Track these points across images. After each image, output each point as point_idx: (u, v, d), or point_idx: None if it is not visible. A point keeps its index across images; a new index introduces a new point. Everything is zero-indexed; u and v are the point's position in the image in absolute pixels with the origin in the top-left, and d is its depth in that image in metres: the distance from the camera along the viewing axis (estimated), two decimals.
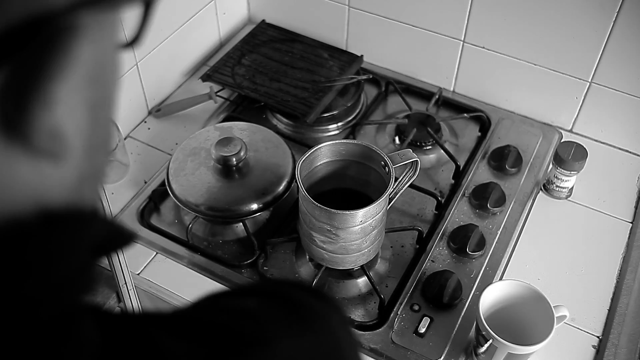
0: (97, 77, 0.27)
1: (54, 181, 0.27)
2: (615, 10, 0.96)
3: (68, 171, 0.27)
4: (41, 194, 0.26)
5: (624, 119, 1.07)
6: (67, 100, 0.25)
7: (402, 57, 1.22)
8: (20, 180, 0.25)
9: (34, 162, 0.25)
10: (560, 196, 1.03)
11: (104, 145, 0.30)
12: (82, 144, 0.27)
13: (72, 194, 0.28)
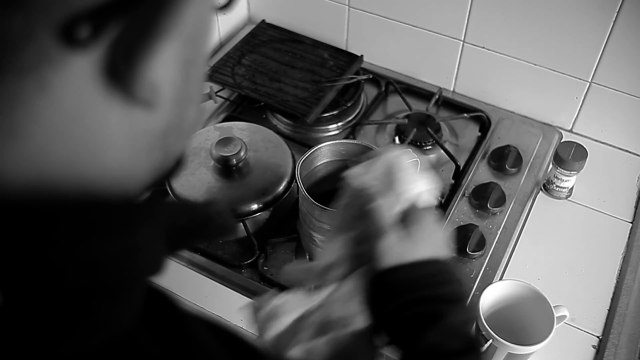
0: (193, 37, 0.29)
1: (145, 129, 0.29)
2: (615, 10, 0.96)
3: (157, 120, 0.29)
4: (130, 138, 0.28)
5: (624, 119, 1.07)
6: (167, 56, 0.27)
7: (402, 57, 1.22)
8: (112, 128, 0.27)
9: (128, 109, 0.27)
10: (560, 196, 1.03)
11: (192, 100, 0.32)
12: (172, 96, 0.29)
13: (159, 147, 0.30)
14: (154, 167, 0.31)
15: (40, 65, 0.24)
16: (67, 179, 0.26)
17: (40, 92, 0.24)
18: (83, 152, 0.26)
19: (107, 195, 0.28)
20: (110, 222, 0.27)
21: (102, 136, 0.27)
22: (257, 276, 0.91)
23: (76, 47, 0.24)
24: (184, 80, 0.30)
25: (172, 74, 0.28)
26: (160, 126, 0.30)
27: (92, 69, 0.25)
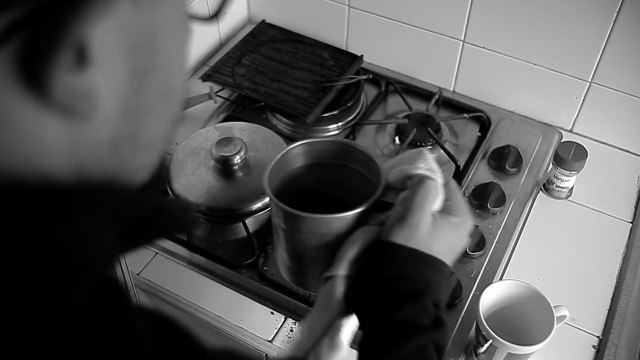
0: (144, 45, 0.28)
1: (87, 139, 0.28)
2: (615, 10, 0.96)
3: (99, 130, 0.28)
4: (75, 151, 0.27)
5: (624, 119, 1.07)
6: (102, 61, 0.26)
7: (402, 57, 1.22)
8: (52, 136, 0.26)
9: (61, 118, 0.26)
10: (560, 196, 1.03)
11: (151, 112, 0.31)
12: (116, 105, 0.28)
13: (108, 158, 0.29)
14: (108, 176, 0.30)
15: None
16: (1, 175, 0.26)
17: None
18: (14, 155, 0.26)
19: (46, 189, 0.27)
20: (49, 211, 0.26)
21: (34, 141, 0.26)
22: (257, 276, 0.91)
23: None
24: (135, 91, 0.28)
25: (114, 81, 0.27)
26: (107, 136, 0.28)
27: (6, 69, 0.24)
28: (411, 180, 0.56)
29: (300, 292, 0.88)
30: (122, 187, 0.31)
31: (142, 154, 0.32)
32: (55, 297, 0.27)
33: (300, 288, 0.66)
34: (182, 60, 0.32)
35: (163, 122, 0.32)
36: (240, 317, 0.86)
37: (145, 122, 0.30)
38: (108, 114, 0.28)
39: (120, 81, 0.27)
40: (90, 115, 0.27)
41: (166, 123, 0.32)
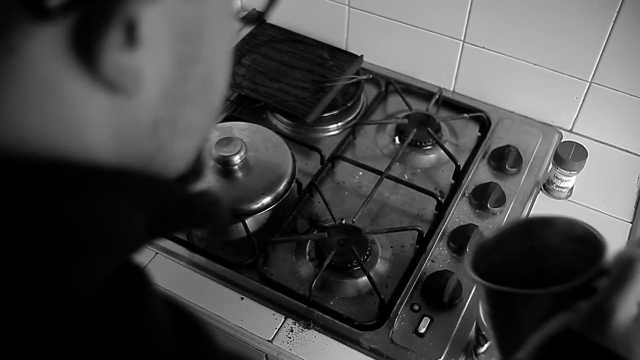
0: (190, 34, 0.29)
1: (129, 117, 0.29)
2: (615, 10, 0.96)
3: (141, 109, 0.29)
4: (118, 128, 0.28)
5: (624, 119, 1.07)
6: (151, 43, 0.27)
7: (402, 57, 1.22)
8: (96, 111, 0.27)
9: (108, 92, 0.27)
10: (560, 196, 1.03)
11: (191, 100, 0.32)
12: (160, 87, 0.29)
13: (148, 139, 0.30)
14: (145, 158, 0.31)
15: (8, 29, 0.24)
16: (42, 149, 0.27)
17: (10, 55, 0.25)
18: (60, 126, 0.27)
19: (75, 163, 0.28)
20: (77, 186, 0.27)
21: (79, 114, 0.27)
22: (257, 276, 0.91)
23: (44, 17, 0.24)
24: (179, 77, 0.30)
25: (160, 65, 0.28)
26: (148, 117, 0.30)
27: (61, 42, 0.25)
28: (619, 258, 0.47)
29: (300, 292, 0.89)
30: (155, 173, 0.32)
31: (180, 140, 0.33)
32: (70, 271, 0.28)
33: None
34: (225, 55, 0.33)
35: (202, 112, 0.33)
36: (240, 317, 0.86)
37: (185, 109, 0.32)
38: (151, 95, 0.29)
39: (165, 65, 0.29)
40: (135, 94, 0.28)
41: (205, 114, 0.33)
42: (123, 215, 0.29)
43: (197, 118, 0.33)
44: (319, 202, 1.01)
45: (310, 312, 0.86)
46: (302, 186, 1.02)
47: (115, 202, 0.29)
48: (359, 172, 1.06)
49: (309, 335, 0.85)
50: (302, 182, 1.02)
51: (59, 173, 0.27)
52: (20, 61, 0.25)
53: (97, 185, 0.28)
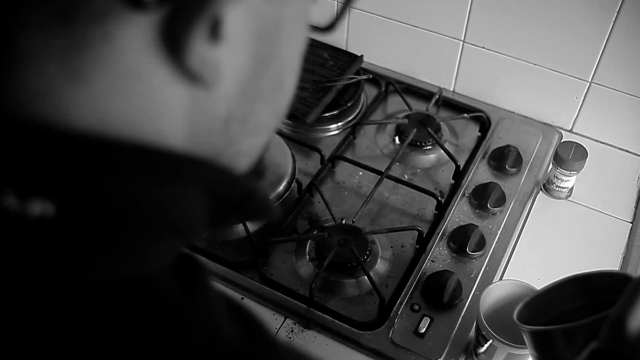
0: (268, 34, 0.30)
1: (205, 110, 0.30)
2: (615, 10, 0.96)
3: (217, 103, 0.30)
4: (193, 120, 0.30)
5: (624, 119, 1.07)
6: (232, 40, 0.28)
7: (402, 57, 1.22)
8: (176, 101, 0.29)
9: (187, 83, 0.28)
10: (560, 196, 1.03)
11: (263, 99, 0.33)
12: (236, 83, 0.30)
13: (219, 133, 0.31)
14: (213, 151, 0.32)
15: (106, 17, 0.25)
16: (124, 133, 0.28)
17: (104, 41, 0.26)
18: (141, 113, 0.28)
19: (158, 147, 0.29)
20: (157, 169, 0.29)
21: (160, 102, 0.28)
22: (257, 276, 0.91)
23: (139, 7, 0.25)
24: (255, 75, 0.31)
25: (239, 61, 0.30)
26: (222, 111, 0.31)
27: (152, 31, 0.26)
28: (633, 280, 0.51)
29: (300, 292, 0.88)
30: (223, 166, 0.33)
31: (248, 138, 0.34)
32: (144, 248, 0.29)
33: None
34: (297, 59, 0.34)
35: (270, 112, 0.34)
36: None
37: (256, 107, 0.33)
38: (228, 90, 0.30)
39: (243, 62, 0.30)
40: (214, 87, 0.29)
41: (273, 114, 0.35)
42: (193, 202, 0.31)
43: (265, 117, 0.34)
44: (319, 202, 1.01)
45: (310, 312, 0.86)
46: (302, 186, 1.02)
47: (188, 188, 0.30)
48: (359, 172, 1.06)
49: (309, 335, 0.85)
50: (302, 182, 1.02)
51: (139, 155, 0.28)
52: (112, 48, 0.26)
53: (173, 170, 0.29)
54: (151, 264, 0.30)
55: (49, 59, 0.26)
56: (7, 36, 0.26)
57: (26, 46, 0.26)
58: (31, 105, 0.26)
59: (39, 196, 0.26)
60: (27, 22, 0.25)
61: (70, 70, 0.26)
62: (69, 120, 0.27)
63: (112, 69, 0.26)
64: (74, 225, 0.27)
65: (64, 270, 0.27)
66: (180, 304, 0.30)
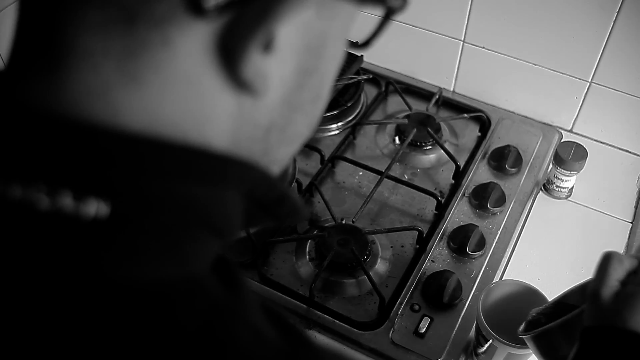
0: (315, 47, 0.31)
1: (250, 118, 0.31)
2: (615, 10, 0.96)
3: (261, 112, 0.31)
4: (237, 127, 0.30)
5: (624, 119, 1.07)
6: (283, 51, 0.29)
7: (402, 57, 1.22)
8: (223, 108, 0.29)
9: (236, 90, 0.29)
10: (560, 196, 1.03)
11: (302, 110, 0.34)
12: (281, 94, 0.31)
13: (260, 140, 0.32)
14: (252, 160, 0.32)
15: (168, 22, 0.26)
16: (169, 134, 0.28)
17: (163, 46, 0.26)
18: (190, 118, 0.28)
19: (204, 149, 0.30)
20: (205, 170, 0.29)
21: (209, 108, 0.29)
22: (257, 276, 0.91)
23: (200, 14, 0.26)
24: (298, 86, 0.32)
25: (285, 72, 0.30)
26: (265, 120, 0.31)
27: (210, 39, 0.27)
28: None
29: (300, 292, 0.89)
30: (263, 169, 0.33)
31: (285, 146, 0.35)
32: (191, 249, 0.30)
33: None
34: (334, 73, 0.35)
35: (306, 123, 0.35)
36: None
37: (296, 117, 0.33)
38: (273, 99, 0.31)
39: (289, 74, 0.31)
40: (261, 97, 0.30)
41: (308, 125, 0.35)
42: (234, 203, 0.31)
43: (302, 127, 0.35)
44: (319, 202, 1.01)
45: (310, 312, 0.86)
46: (302, 186, 1.02)
47: (231, 189, 0.31)
48: (359, 172, 1.06)
49: (309, 335, 0.85)
50: (302, 182, 1.02)
51: (189, 156, 0.28)
52: (170, 53, 0.27)
53: (220, 171, 0.30)
54: (192, 266, 0.30)
55: (106, 61, 0.26)
56: (66, 36, 0.26)
57: (84, 47, 0.26)
58: (86, 106, 0.27)
59: (94, 196, 0.26)
60: (88, 23, 0.26)
61: (127, 72, 0.26)
62: (122, 122, 0.27)
63: (167, 73, 0.27)
64: (127, 226, 0.27)
65: (110, 271, 0.27)
66: (226, 303, 0.30)
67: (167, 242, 0.28)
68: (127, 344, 0.26)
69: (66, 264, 0.26)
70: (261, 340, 0.30)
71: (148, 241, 0.28)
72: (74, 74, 0.26)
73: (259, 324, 0.31)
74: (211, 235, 0.31)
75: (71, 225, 0.26)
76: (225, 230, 0.32)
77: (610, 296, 0.54)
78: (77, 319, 0.26)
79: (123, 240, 0.27)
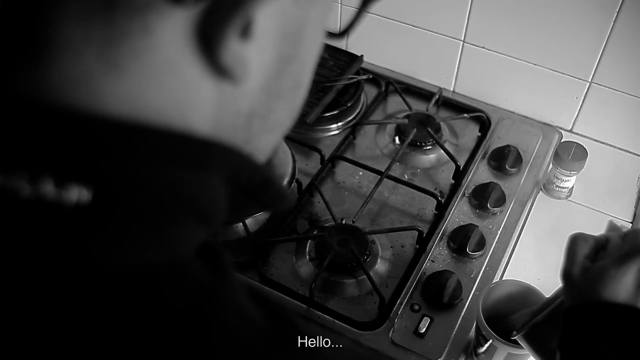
0: (293, 34, 0.31)
1: (230, 105, 0.31)
2: (615, 10, 0.96)
3: (242, 99, 0.31)
4: (218, 114, 0.31)
5: (624, 119, 1.07)
6: (261, 38, 0.29)
7: (402, 57, 1.22)
8: (204, 95, 0.29)
9: (216, 77, 0.29)
10: (560, 196, 1.03)
11: (283, 98, 0.34)
12: (261, 81, 0.31)
13: (241, 128, 0.32)
14: (235, 148, 0.33)
15: (147, 10, 0.26)
16: (152, 122, 0.28)
17: (143, 34, 0.27)
18: (172, 105, 0.29)
19: (188, 133, 0.30)
20: (188, 154, 0.29)
21: (190, 95, 0.29)
22: (257, 276, 0.91)
23: (179, 1, 0.26)
24: (277, 73, 0.32)
25: (264, 60, 0.30)
26: (246, 107, 0.32)
27: (189, 26, 0.27)
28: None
29: (300, 292, 0.89)
30: (247, 154, 0.33)
31: (266, 134, 0.35)
32: (174, 233, 0.30)
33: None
34: (314, 60, 0.35)
35: (288, 111, 0.35)
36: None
37: (276, 104, 0.34)
38: (253, 86, 0.31)
39: (268, 60, 0.31)
40: (241, 84, 0.30)
41: (289, 113, 0.35)
42: (217, 188, 0.31)
43: (283, 116, 0.35)
44: (319, 202, 1.01)
45: (310, 312, 0.86)
46: (302, 186, 1.02)
47: (214, 173, 0.31)
48: (359, 172, 1.06)
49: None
50: (302, 182, 1.02)
51: (172, 140, 0.29)
52: (151, 41, 0.27)
53: (204, 155, 0.30)
54: (178, 250, 0.30)
55: (87, 49, 0.26)
56: (48, 26, 0.26)
57: (66, 36, 0.26)
58: (68, 93, 0.27)
59: (76, 182, 0.26)
60: (69, 12, 0.26)
61: (108, 60, 0.27)
62: (104, 109, 0.27)
63: (148, 61, 0.27)
64: (110, 211, 0.27)
65: (96, 256, 0.27)
66: (210, 287, 0.30)
67: (151, 226, 0.29)
68: (117, 326, 0.27)
69: (50, 249, 0.26)
70: (246, 320, 0.31)
71: (131, 226, 0.28)
72: (56, 63, 0.27)
73: (244, 305, 0.32)
74: (196, 219, 0.31)
75: (54, 212, 0.26)
76: (210, 215, 0.32)
77: (580, 274, 0.57)
78: (63, 303, 0.26)
79: (106, 225, 0.27)
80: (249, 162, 0.33)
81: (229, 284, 0.32)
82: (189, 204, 0.30)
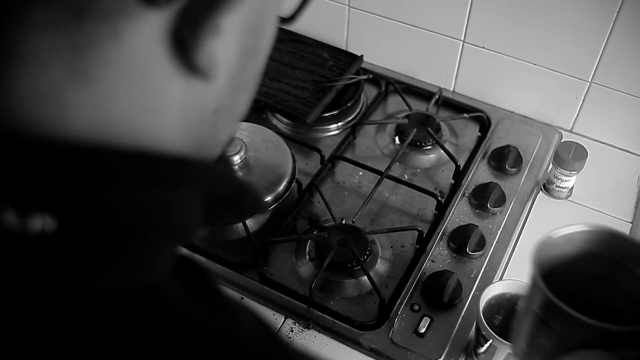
0: (255, 28, 0.31)
1: (198, 103, 0.30)
2: (615, 10, 0.96)
3: (210, 96, 0.31)
4: (186, 113, 0.30)
5: (624, 119, 1.07)
6: (228, 35, 0.29)
7: (402, 57, 1.22)
8: (173, 95, 0.29)
9: (186, 76, 0.29)
10: (560, 196, 1.03)
11: (244, 90, 0.34)
12: (227, 77, 0.31)
13: (208, 124, 0.32)
14: (199, 143, 0.32)
15: (117, 15, 0.25)
16: (123, 133, 0.27)
17: (113, 40, 0.26)
18: (142, 110, 0.28)
19: (155, 151, 0.29)
20: (157, 174, 0.29)
21: (160, 98, 0.28)
22: (257, 276, 0.91)
23: (151, 4, 0.25)
24: (241, 66, 0.32)
25: (230, 55, 0.30)
26: (213, 103, 0.32)
27: (161, 28, 0.27)
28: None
29: (300, 292, 0.88)
30: (215, 163, 0.33)
31: (228, 127, 0.35)
32: (147, 256, 0.29)
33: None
34: (269, 49, 0.35)
35: (247, 101, 0.35)
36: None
37: (239, 97, 0.34)
38: (220, 82, 0.31)
39: (234, 55, 0.31)
40: (211, 79, 0.30)
41: (247, 103, 0.35)
42: (191, 203, 0.31)
43: (243, 107, 0.35)
44: (319, 202, 1.01)
45: (310, 312, 0.86)
46: (302, 186, 1.02)
47: (187, 190, 0.30)
48: (359, 172, 1.06)
49: (309, 335, 0.85)
50: (302, 182, 1.02)
51: (140, 161, 0.28)
52: (121, 46, 0.26)
53: (174, 173, 0.29)
54: (155, 272, 0.29)
55: (53, 60, 0.25)
56: (10, 39, 0.25)
57: (30, 48, 0.25)
58: (33, 111, 0.25)
59: (39, 211, 0.25)
60: (33, 23, 0.25)
61: (75, 70, 0.26)
62: (70, 124, 0.26)
63: (118, 67, 0.26)
64: (77, 239, 0.26)
65: (69, 285, 0.26)
66: (189, 310, 0.29)
67: (120, 252, 0.27)
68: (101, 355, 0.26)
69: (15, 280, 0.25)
70: (228, 343, 0.30)
71: (99, 253, 0.27)
72: (19, 79, 0.25)
73: (229, 327, 0.31)
74: (168, 238, 0.30)
75: (18, 243, 0.25)
76: (183, 231, 0.31)
77: None
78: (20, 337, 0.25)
79: (72, 254, 0.26)
80: (221, 175, 0.33)
81: (210, 304, 0.31)
82: (162, 225, 0.29)
